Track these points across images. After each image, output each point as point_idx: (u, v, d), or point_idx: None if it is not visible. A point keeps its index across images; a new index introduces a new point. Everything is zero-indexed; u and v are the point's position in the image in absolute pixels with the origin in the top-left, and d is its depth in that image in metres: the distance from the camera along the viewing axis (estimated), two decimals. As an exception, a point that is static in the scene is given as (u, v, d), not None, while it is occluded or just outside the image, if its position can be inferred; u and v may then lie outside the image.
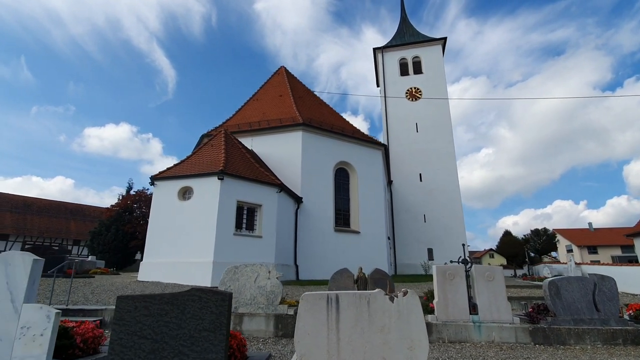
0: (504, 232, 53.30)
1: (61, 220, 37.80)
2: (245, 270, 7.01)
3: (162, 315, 3.84)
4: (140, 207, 27.84)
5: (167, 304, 3.88)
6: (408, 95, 30.12)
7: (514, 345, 6.19)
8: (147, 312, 3.84)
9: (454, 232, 26.07)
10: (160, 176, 13.81)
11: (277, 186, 14.66)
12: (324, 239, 17.48)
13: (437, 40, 31.22)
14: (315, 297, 3.75)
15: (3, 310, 3.90)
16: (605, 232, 48.15)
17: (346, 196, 19.58)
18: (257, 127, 19.15)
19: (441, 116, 28.82)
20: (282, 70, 25.06)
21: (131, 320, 3.83)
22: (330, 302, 3.74)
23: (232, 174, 13.22)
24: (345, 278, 6.85)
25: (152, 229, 13.33)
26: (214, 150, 14.86)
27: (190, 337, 3.78)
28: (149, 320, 3.82)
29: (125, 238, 25.93)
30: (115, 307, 3.85)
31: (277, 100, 21.81)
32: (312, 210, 17.48)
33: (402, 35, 33.82)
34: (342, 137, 19.75)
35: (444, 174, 27.33)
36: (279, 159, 18.13)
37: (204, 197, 12.99)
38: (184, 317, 3.82)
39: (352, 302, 3.73)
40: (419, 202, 27.06)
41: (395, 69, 31.25)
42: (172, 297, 3.92)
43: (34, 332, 3.82)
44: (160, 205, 13.49)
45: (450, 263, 8.45)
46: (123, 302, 3.88)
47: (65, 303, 7.86)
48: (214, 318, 3.83)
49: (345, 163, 19.72)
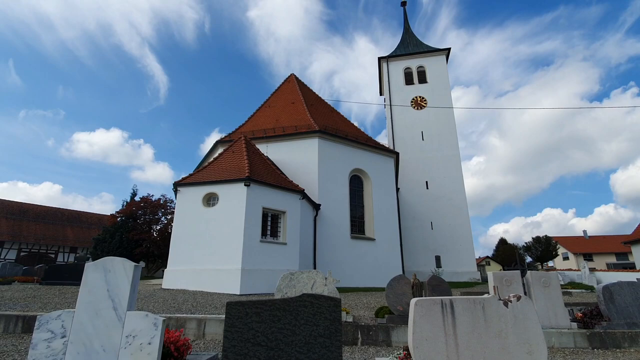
0: (499, 240, 54.13)
1: (57, 227, 36.87)
2: (301, 277, 6.96)
3: (274, 322, 3.80)
4: (146, 213, 27.37)
5: (279, 310, 3.85)
6: (413, 104, 30.54)
7: (575, 350, 6.25)
8: (259, 319, 3.81)
9: (461, 240, 26.31)
10: (184, 182, 13.66)
11: (300, 193, 14.64)
12: (341, 246, 17.45)
13: (441, 51, 31.85)
14: (429, 302, 3.77)
15: (105, 319, 3.79)
16: (600, 240, 49.12)
17: (360, 203, 19.63)
18: (272, 133, 19.14)
19: (446, 125, 29.27)
20: (292, 77, 25.22)
21: (243, 327, 3.79)
22: (444, 307, 3.75)
23: (257, 180, 13.16)
24: (402, 285, 6.85)
25: (176, 235, 13.12)
26: (236, 157, 14.79)
27: (306, 343, 3.75)
28: (262, 327, 3.78)
29: (130, 245, 25.43)
30: (226, 314, 3.80)
31: (289, 107, 21.89)
32: (329, 217, 17.47)
33: (405, 45, 34.42)
34: (356, 145, 19.88)
35: (450, 182, 27.65)
36: (294, 165, 18.11)
37: (229, 204, 12.88)
38: (297, 323, 3.79)
39: (467, 307, 3.75)
40: (426, 210, 27.26)
41: (401, 78, 31.72)
42: (283, 303, 3.89)
43: (140, 341, 3.73)
44: (184, 212, 13.31)
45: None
46: (233, 308, 3.84)
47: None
48: (328, 324, 3.81)
49: (359, 170, 19.82)
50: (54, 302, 9.25)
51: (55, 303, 9.20)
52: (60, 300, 9.60)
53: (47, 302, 9.35)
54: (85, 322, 3.79)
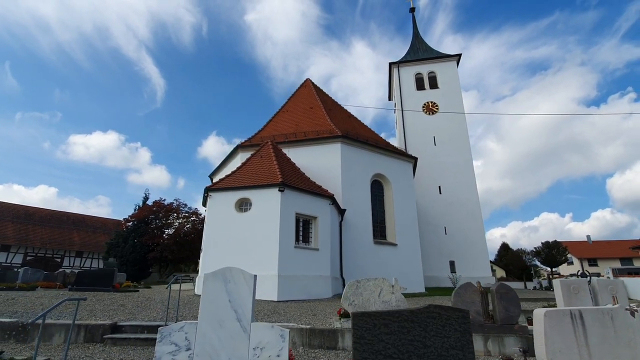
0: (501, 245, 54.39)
1: (64, 231, 36.43)
2: (367, 284, 6.92)
3: (403, 333, 3.77)
4: (158, 217, 27.15)
5: (407, 321, 3.81)
6: (425, 109, 30.72)
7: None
8: (388, 330, 3.77)
9: (475, 245, 26.39)
10: (215, 187, 13.58)
11: (330, 198, 14.62)
12: (364, 251, 17.42)
13: (452, 57, 32.12)
14: (559, 313, 3.76)
15: (230, 330, 3.73)
16: (604, 245, 49.52)
17: (381, 208, 19.64)
18: (294, 138, 19.12)
19: (459, 130, 29.45)
20: (308, 82, 25.27)
21: (373, 338, 3.75)
22: (574, 318, 3.75)
23: (291, 185, 13.12)
24: (470, 293, 6.84)
25: (208, 241, 13.02)
26: (265, 161, 14.75)
27: (438, 355, 3.72)
28: (392, 339, 3.75)
29: (143, 250, 25.19)
30: (353, 325, 3.76)
31: (308, 112, 21.91)
32: (353, 223, 17.45)
33: (415, 51, 34.67)
34: (376, 150, 19.93)
35: (463, 187, 27.76)
36: (317, 170, 18.06)
37: (263, 209, 12.81)
38: (427, 335, 3.76)
39: (596, 318, 3.76)
40: (439, 215, 27.32)
41: (412, 84, 31.90)
42: (411, 314, 3.86)
43: (269, 353, 3.67)
44: (216, 217, 13.22)
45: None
46: (360, 319, 3.80)
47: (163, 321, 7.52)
48: (459, 336, 3.78)
49: (380, 175, 19.85)
50: (98, 309, 9.11)
51: (98, 310, 9.06)
52: (102, 307, 9.45)
53: (92, 309, 9.20)
54: (209, 333, 3.73)
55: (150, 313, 8.70)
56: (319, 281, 13.15)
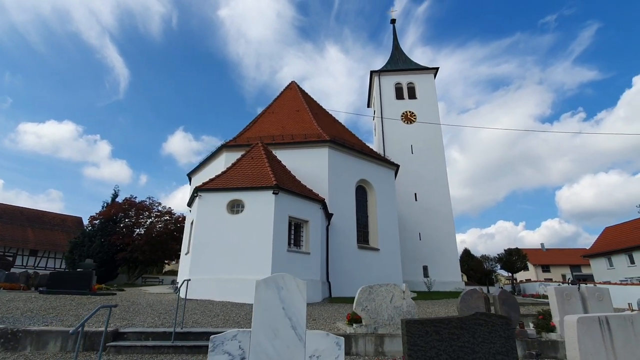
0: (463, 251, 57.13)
1: (16, 228, 33.50)
2: (380, 290, 7.07)
3: (454, 340, 3.94)
4: (128, 216, 25.74)
5: (457, 328, 3.98)
6: (404, 118, 31.71)
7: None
8: (439, 337, 3.92)
9: (447, 251, 27.56)
10: (206, 187, 13.20)
11: (321, 202, 14.70)
12: (349, 256, 17.64)
13: (430, 69, 33.47)
14: (590, 320, 4.11)
15: (285, 339, 3.71)
16: (556, 253, 53.52)
17: (365, 213, 19.99)
18: (281, 140, 19.02)
19: (434, 140, 30.68)
20: (293, 85, 25.25)
21: (425, 345, 3.89)
22: (602, 324, 4.10)
23: (285, 188, 13.05)
24: (475, 299, 7.19)
25: (198, 243, 12.60)
26: (256, 163, 14.55)
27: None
28: (443, 345, 3.90)
29: (111, 250, 23.76)
30: (407, 332, 3.88)
31: (294, 115, 21.88)
32: (338, 227, 17.61)
33: (395, 61, 35.74)
34: (361, 156, 20.29)
35: (437, 195, 28.91)
36: (304, 174, 18.05)
37: (256, 212, 12.63)
38: (475, 341, 3.95)
39: (620, 324, 4.14)
40: (415, 221, 28.22)
41: (392, 93, 32.84)
42: (460, 321, 4.03)
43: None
44: (206, 218, 12.84)
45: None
46: (413, 327, 3.93)
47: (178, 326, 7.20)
48: (503, 342, 4.00)
49: (364, 181, 20.21)
50: (83, 315, 8.53)
51: (83, 315, 8.49)
52: (87, 312, 8.86)
53: (76, 314, 8.60)
54: (264, 342, 3.68)
55: (145, 318, 8.28)
56: (310, 285, 13.04)
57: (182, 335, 6.69)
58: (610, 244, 34.24)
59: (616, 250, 32.64)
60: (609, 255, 33.60)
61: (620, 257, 32.39)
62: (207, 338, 6.88)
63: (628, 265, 31.41)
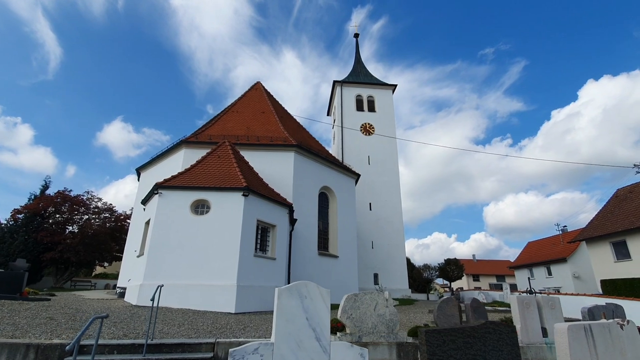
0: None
1: None
2: (364, 298, 7.09)
3: (467, 348, 4.10)
4: (61, 211, 22.83)
5: (470, 336, 4.16)
6: (362, 130, 32.70)
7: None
8: (455, 346, 4.06)
9: (396, 259, 28.78)
10: (168, 185, 12.25)
11: (288, 207, 14.45)
12: (309, 262, 17.53)
13: (389, 85, 35.06)
14: (577, 327, 4.53)
15: (309, 351, 3.54)
16: (485, 263, 58.74)
17: (325, 220, 20.09)
18: (246, 141, 18.43)
19: (390, 153, 32.06)
20: (259, 85, 24.73)
21: (443, 354, 4.00)
22: (586, 331, 4.54)
23: (254, 191, 12.62)
24: (451, 307, 7.55)
25: (155, 245, 11.58)
26: (223, 162, 13.90)
27: None
28: (459, 354, 4.04)
29: (37, 248, 20.85)
30: (427, 342, 3.96)
31: (260, 116, 21.39)
32: (301, 233, 17.45)
33: (357, 74, 36.86)
34: (325, 163, 20.44)
35: (390, 206, 30.16)
36: (268, 177, 17.65)
37: (223, 214, 12.02)
38: (486, 349, 4.15)
39: (600, 331, 4.63)
40: (368, 229, 29.07)
41: (352, 104, 33.75)
42: (472, 330, 4.21)
43: (349, 373, 3.55)
44: (166, 218, 11.88)
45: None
46: (432, 336, 4.02)
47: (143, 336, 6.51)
48: (509, 349, 4.24)
49: (327, 188, 20.35)
50: (23, 324, 7.33)
51: (24, 325, 7.30)
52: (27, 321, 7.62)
53: (14, 323, 7.36)
54: (287, 354, 3.47)
55: (103, 329, 7.34)
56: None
57: (154, 347, 6.04)
58: (532, 257, 38.49)
59: (536, 263, 36.77)
60: (530, 267, 37.70)
61: (540, 269, 36.52)
62: (182, 350, 6.34)
63: (546, 276, 35.52)
